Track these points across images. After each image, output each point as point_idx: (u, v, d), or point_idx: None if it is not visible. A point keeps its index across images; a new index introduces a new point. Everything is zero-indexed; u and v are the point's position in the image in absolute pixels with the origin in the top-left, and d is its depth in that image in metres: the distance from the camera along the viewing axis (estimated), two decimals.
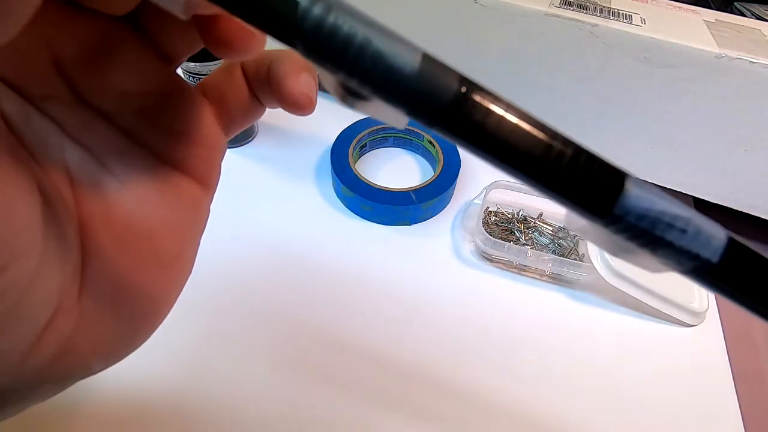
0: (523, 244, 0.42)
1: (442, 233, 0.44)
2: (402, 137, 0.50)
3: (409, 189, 0.43)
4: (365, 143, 0.49)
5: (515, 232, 0.43)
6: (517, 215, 0.44)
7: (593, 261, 0.37)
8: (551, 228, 0.44)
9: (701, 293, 0.39)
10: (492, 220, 0.44)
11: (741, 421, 0.34)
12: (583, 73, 0.41)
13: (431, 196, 0.43)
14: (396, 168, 0.49)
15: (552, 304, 0.39)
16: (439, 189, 0.44)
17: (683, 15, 0.42)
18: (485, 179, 0.47)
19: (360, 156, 0.50)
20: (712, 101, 0.38)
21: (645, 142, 0.43)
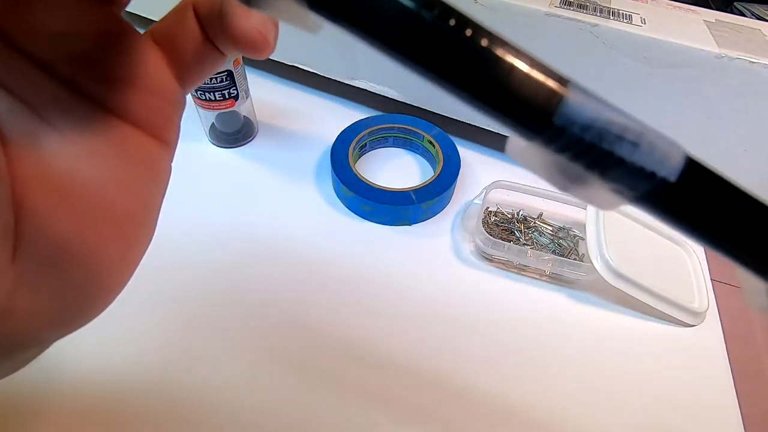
0: (523, 244, 0.42)
1: (442, 233, 0.44)
2: (402, 137, 0.50)
3: (409, 189, 0.43)
4: (365, 143, 0.49)
5: (515, 232, 0.43)
6: (517, 215, 0.44)
7: (593, 261, 0.37)
8: (551, 228, 0.44)
9: (701, 293, 0.39)
10: (492, 220, 0.44)
11: (741, 421, 0.34)
12: (583, 73, 0.41)
13: (431, 196, 0.43)
14: (396, 168, 0.49)
15: (552, 304, 0.39)
16: (439, 189, 0.44)
17: (683, 15, 0.42)
18: (485, 179, 0.47)
19: (360, 156, 0.50)
20: (712, 101, 0.38)
21: None
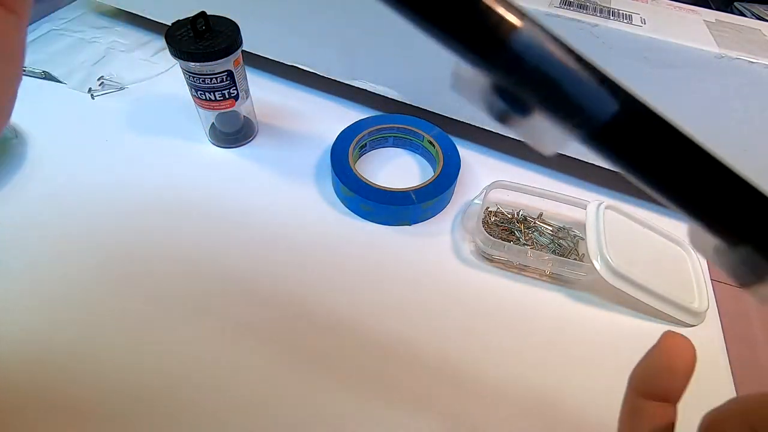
0: (523, 244, 0.42)
1: (442, 233, 0.44)
2: (402, 137, 0.50)
3: (409, 189, 0.43)
4: (365, 143, 0.49)
5: (515, 232, 0.43)
6: (517, 215, 0.44)
7: (593, 261, 0.37)
8: (551, 228, 0.44)
9: (701, 293, 0.39)
10: (492, 220, 0.44)
11: None
12: None
13: (431, 196, 0.43)
14: (396, 168, 0.49)
15: (552, 304, 0.39)
16: (439, 189, 0.44)
17: (683, 15, 0.42)
18: (485, 179, 0.47)
19: (360, 156, 0.50)
20: (712, 101, 0.38)
21: None
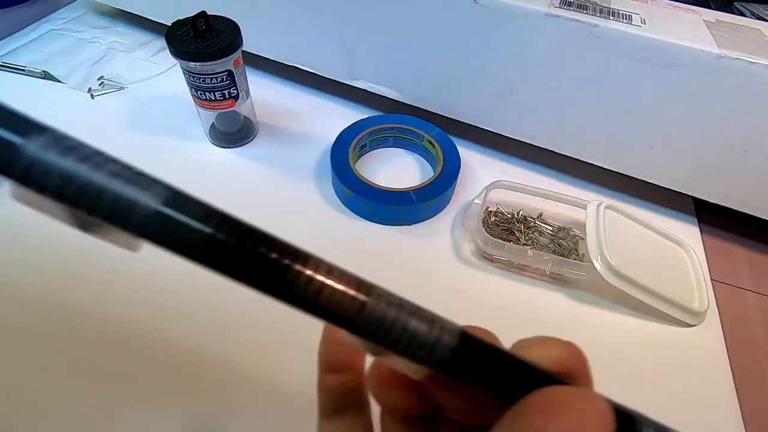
0: (523, 244, 0.42)
1: (442, 233, 0.44)
2: (402, 137, 0.50)
3: (409, 189, 0.43)
4: (365, 143, 0.49)
5: (515, 232, 0.43)
6: (517, 215, 0.44)
7: (593, 261, 0.37)
8: (551, 228, 0.44)
9: (701, 293, 0.39)
10: (492, 220, 0.44)
11: (741, 421, 0.34)
12: (583, 73, 0.41)
13: (431, 196, 0.43)
14: (396, 168, 0.49)
15: (552, 304, 0.39)
16: (439, 189, 0.44)
17: (683, 15, 0.42)
18: (485, 179, 0.47)
19: (360, 156, 0.50)
20: (712, 101, 0.38)
21: (645, 142, 0.43)
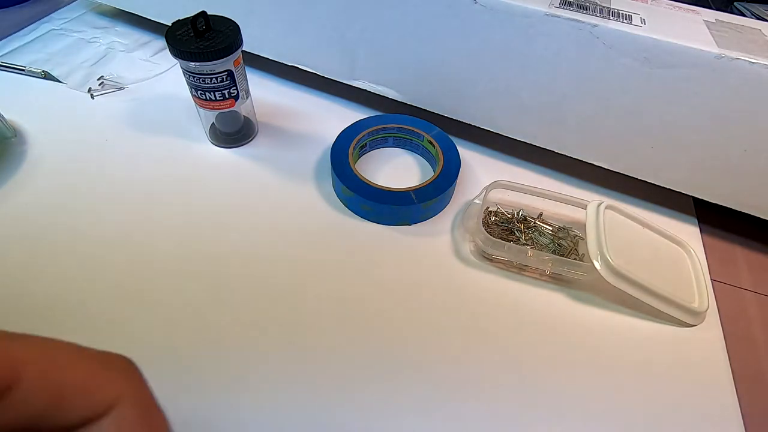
0: (523, 244, 0.42)
1: (442, 233, 0.44)
2: (402, 137, 0.50)
3: (409, 189, 0.43)
4: (365, 143, 0.49)
5: (515, 232, 0.43)
6: (517, 215, 0.44)
7: (593, 261, 0.37)
8: (551, 228, 0.44)
9: (701, 293, 0.39)
10: (492, 220, 0.44)
11: (741, 421, 0.34)
12: (583, 73, 0.41)
13: (431, 196, 0.43)
14: (396, 168, 0.49)
15: (552, 304, 0.39)
16: (439, 189, 0.44)
17: (683, 15, 0.42)
18: (485, 179, 0.47)
19: (360, 156, 0.50)
20: (712, 101, 0.38)
21: (645, 142, 0.43)
